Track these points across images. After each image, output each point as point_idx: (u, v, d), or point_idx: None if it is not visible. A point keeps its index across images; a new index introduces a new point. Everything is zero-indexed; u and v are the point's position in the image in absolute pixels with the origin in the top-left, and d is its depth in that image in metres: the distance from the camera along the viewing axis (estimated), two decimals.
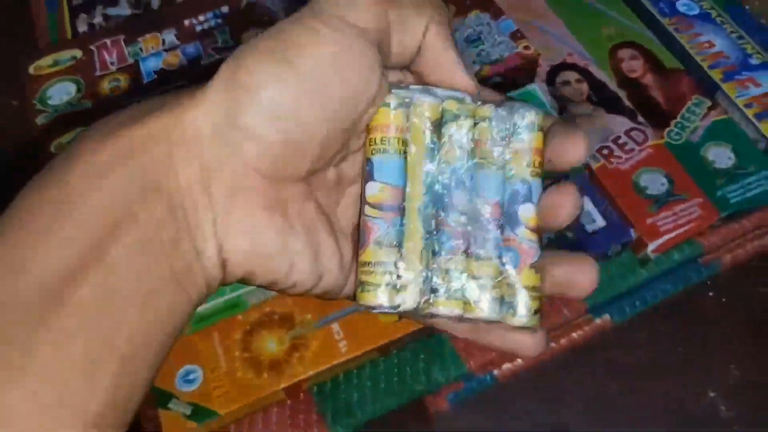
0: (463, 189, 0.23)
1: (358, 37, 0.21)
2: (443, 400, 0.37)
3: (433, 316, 0.23)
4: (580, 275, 0.24)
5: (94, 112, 0.41)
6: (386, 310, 0.23)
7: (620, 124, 0.43)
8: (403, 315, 0.24)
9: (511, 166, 0.23)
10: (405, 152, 0.23)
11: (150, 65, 0.42)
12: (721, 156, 0.42)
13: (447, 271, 0.23)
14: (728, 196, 0.40)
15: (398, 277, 0.23)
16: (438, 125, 0.23)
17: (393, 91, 0.23)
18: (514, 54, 0.42)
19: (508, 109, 0.23)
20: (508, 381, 0.38)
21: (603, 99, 0.45)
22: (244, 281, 0.22)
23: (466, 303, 0.23)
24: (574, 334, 0.39)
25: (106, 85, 0.42)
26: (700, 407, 0.38)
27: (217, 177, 0.20)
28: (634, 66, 0.47)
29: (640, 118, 0.44)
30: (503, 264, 0.23)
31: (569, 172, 0.40)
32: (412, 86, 0.24)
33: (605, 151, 0.42)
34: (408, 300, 0.23)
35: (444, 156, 0.23)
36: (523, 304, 0.23)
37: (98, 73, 0.43)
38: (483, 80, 0.41)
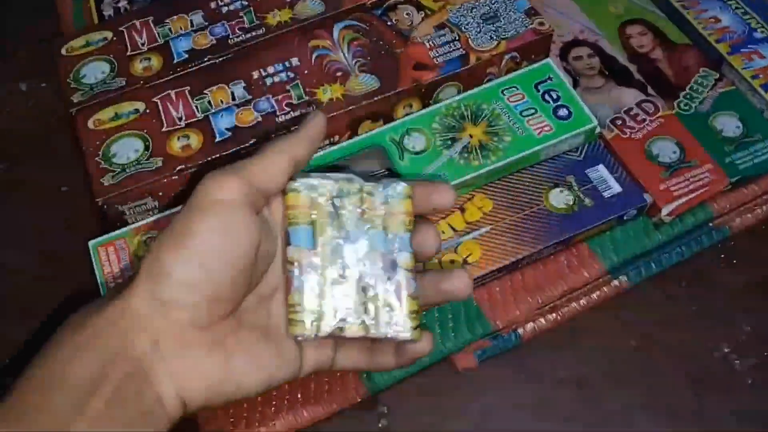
0: (359, 244, 0.32)
1: (231, 208, 0.28)
2: (471, 358, 0.39)
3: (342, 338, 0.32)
4: (457, 283, 0.34)
5: (129, 89, 0.42)
6: (308, 337, 0.31)
7: (631, 96, 0.45)
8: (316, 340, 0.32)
9: (389, 225, 0.33)
10: (312, 222, 0.32)
11: (180, 45, 0.44)
12: (728, 125, 0.44)
13: (352, 305, 0.32)
14: (737, 162, 0.42)
15: (316, 312, 0.31)
16: (333, 201, 0.32)
17: (298, 179, 0.32)
18: (529, 30, 0.44)
19: (384, 184, 0.33)
20: (532, 339, 0.40)
21: (614, 72, 0.47)
22: (204, 408, 0.30)
23: (366, 327, 0.32)
24: (593, 295, 0.41)
25: (138, 65, 0.43)
26: (714, 361, 0.40)
27: (163, 340, 0.28)
28: (643, 41, 0.49)
29: (651, 91, 0.46)
30: (391, 297, 0.32)
31: (583, 143, 0.42)
32: (311, 173, 0.33)
33: (618, 122, 0.44)
34: (324, 329, 0.31)
35: (342, 222, 0.32)
36: (408, 325, 0.32)
37: (129, 52, 0.44)
38: (500, 55, 0.43)
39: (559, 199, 0.41)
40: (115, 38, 0.45)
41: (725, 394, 0.39)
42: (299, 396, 0.38)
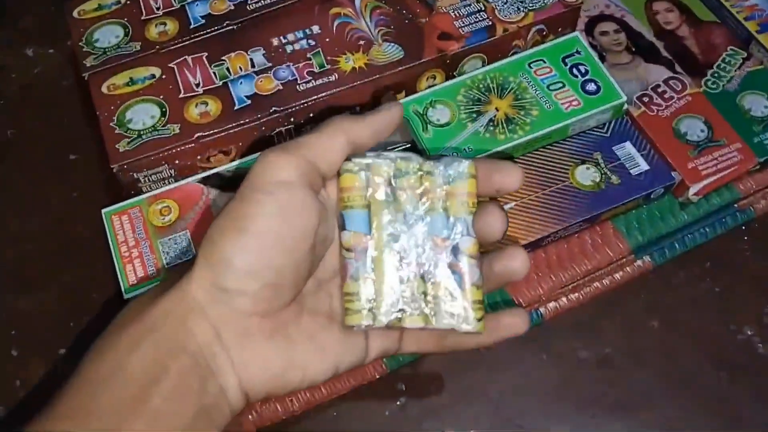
0: (417, 229, 0.30)
1: (289, 190, 0.26)
2: None
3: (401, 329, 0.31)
4: (513, 262, 0.31)
5: (144, 54, 0.41)
6: (365, 328, 0.29)
7: (659, 73, 0.44)
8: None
9: (451, 207, 0.30)
10: (368, 205, 0.30)
11: (197, 10, 0.43)
12: (757, 104, 0.43)
13: (411, 294, 0.30)
14: (765, 142, 0.41)
15: (373, 301, 0.29)
16: (391, 181, 0.30)
17: (353, 159, 0.30)
18: (557, 2, 0.42)
19: (445, 162, 0.30)
20: (554, 318, 0.40)
21: (641, 49, 0.45)
22: (268, 398, 0.30)
23: (426, 318, 0.30)
24: (617, 275, 0.40)
25: (153, 29, 0.42)
26: (737, 343, 0.39)
27: (224, 329, 0.26)
28: (669, 18, 0.47)
29: (678, 68, 0.44)
30: (452, 285, 0.30)
31: (610, 119, 0.41)
32: (367, 153, 0.30)
33: (645, 99, 0.43)
34: (381, 319, 0.29)
35: (400, 205, 0.30)
36: (470, 316, 0.30)
37: (144, 16, 0.43)
38: (528, 26, 0.42)
39: (586, 175, 0.40)
40: (128, 1, 0.44)
41: (748, 376, 0.38)
42: None
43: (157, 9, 0.43)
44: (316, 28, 0.42)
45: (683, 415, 0.37)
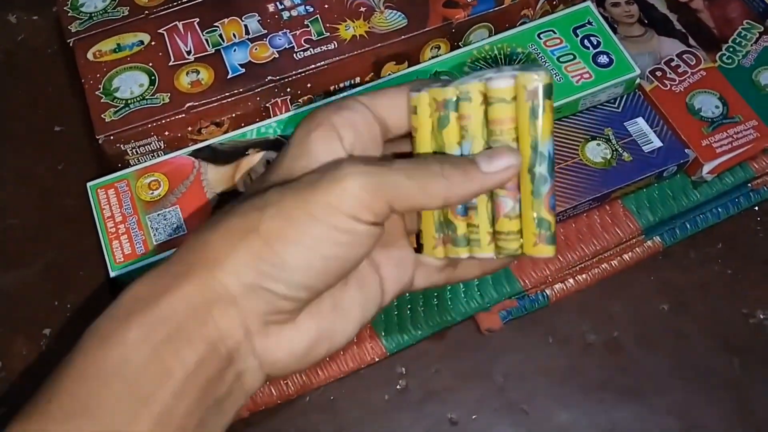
0: None
1: (364, 227, 0.24)
2: (496, 318, 0.37)
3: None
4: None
5: (132, 19, 0.39)
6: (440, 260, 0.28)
7: (672, 46, 0.42)
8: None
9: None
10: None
11: None
12: None
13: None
14: None
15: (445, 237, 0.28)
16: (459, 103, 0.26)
17: (419, 89, 0.26)
18: None
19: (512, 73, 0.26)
20: (561, 300, 0.38)
21: (653, 21, 0.44)
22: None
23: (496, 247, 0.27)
24: (626, 256, 0.39)
25: None
26: (749, 327, 0.38)
27: (252, 320, 0.24)
28: None
29: (692, 41, 0.43)
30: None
31: (622, 93, 0.39)
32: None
33: (658, 73, 0.41)
34: (456, 253, 0.28)
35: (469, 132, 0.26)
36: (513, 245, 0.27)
37: None
38: None
39: (596, 152, 0.38)
40: None
41: (760, 361, 0.37)
42: None
43: None
44: None
45: (693, 400, 0.36)
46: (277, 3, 0.39)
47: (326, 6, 0.39)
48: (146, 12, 0.39)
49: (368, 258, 0.27)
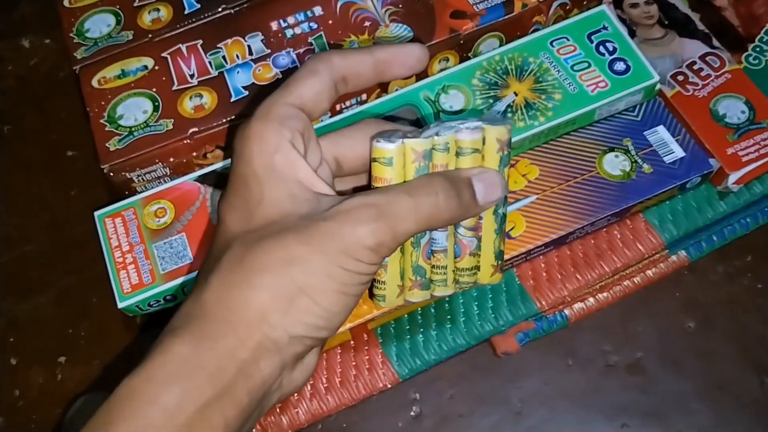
0: None
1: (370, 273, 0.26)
2: (512, 341, 0.36)
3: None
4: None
5: (136, 43, 0.39)
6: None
7: (695, 48, 0.40)
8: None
9: None
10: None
11: None
12: None
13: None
14: None
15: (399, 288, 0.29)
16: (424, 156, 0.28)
17: (382, 141, 0.27)
18: None
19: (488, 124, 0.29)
20: (580, 320, 0.37)
21: (674, 22, 0.42)
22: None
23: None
24: (649, 272, 0.37)
25: (146, 16, 0.39)
26: None
27: (290, 360, 0.25)
28: None
29: (716, 42, 0.41)
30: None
31: (641, 101, 0.37)
32: (394, 133, 0.28)
33: (680, 78, 0.39)
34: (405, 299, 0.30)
35: None
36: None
37: (137, 3, 0.40)
38: (549, 1, 0.38)
39: (615, 164, 0.36)
40: None
41: None
42: (324, 381, 0.35)
43: None
44: (318, 10, 0.38)
45: (722, 423, 0.34)
46: (281, 21, 0.38)
47: (330, 22, 0.38)
48: (150, 35, 0.39)
49: None
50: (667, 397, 0.35)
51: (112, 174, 0.35)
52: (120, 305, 0.33)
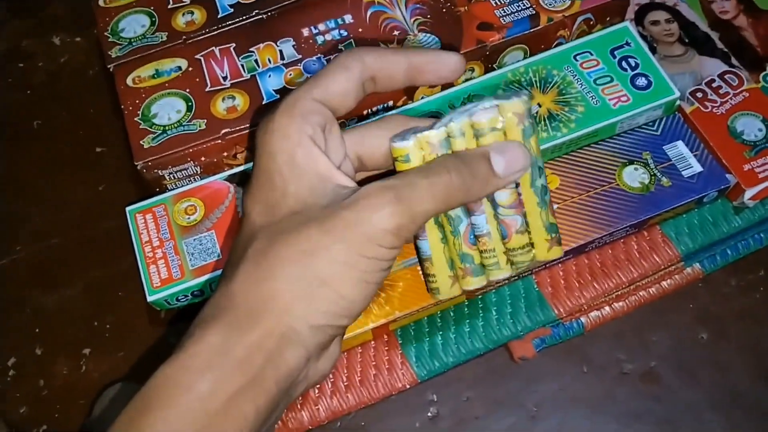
0: None
1: (392, 257, 0.26)
2: (529, 346, 0.37)
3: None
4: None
5: (170, 45, 0.40)
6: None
7: (714, 66, 0.41)
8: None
9: None
10: None
11: None
12: None
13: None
14: None
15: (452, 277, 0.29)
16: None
17: (399, 141, 0.27)
18: None
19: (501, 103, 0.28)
20: (596, 329, 0.37)
21: (694, 40, 0.42)
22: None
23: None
24: (665, 283, 0.38)
25: (180, 18, 0.40)
26: None
27: (315, 350, 0.26)
28: (726, 6, 0.44)
29: (734, 61, 0.41)
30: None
31: (661, 116, 0.38)
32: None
33: (699, 95, 0.40)
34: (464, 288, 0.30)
35: None
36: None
37: (171, 5, 0.41)
38: (574, 15, 0.39)
39: (634, 177, 0.37)
40: None
41: None
42: (345, 380, 0.35)
43: None
44: (348, 18, 0.39)
45: None
46: (312, 28, 0.39)
47: (360, 30, 0.39)
48: (184, 37, 0.40)
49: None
50: (680, 407, 0.36)
51: (144, 171, 0.36)
52: (149, 299, 0.34)
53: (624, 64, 0.38)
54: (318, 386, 0.35)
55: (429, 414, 0.36)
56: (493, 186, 0.27)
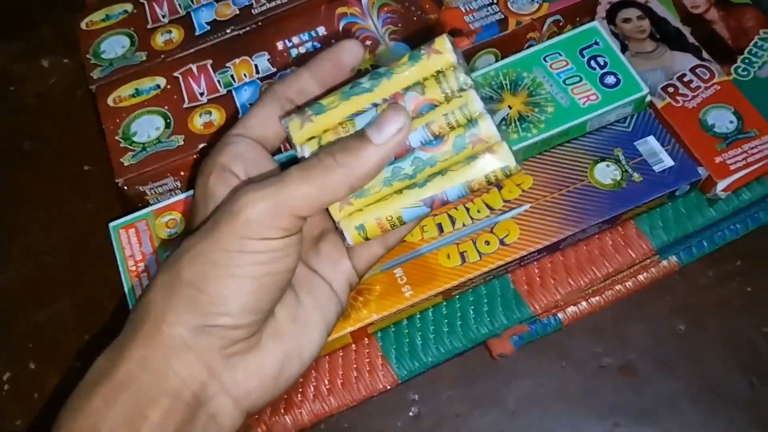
0: None
1: (275, 243, 0.26)
2: (507, 343, 0.37)
3: None
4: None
5: (149, 64, 0.41)
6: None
7: (685, 61, 0.42)
8: None
9: None
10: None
11: (202, 17, 0.42)
12: None
13: None
14: None
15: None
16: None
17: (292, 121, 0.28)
18: None
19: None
20: (573, 324, 0.38)
21: (666, 36, 0.43)
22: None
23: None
24: (641, 277, 0.39)
25: (159, 38, 0.42)
26: None
27: (212, 358, 0.26)
28: (697, 1, 0.45)
29: (706, 55, 0.42)
30: None
31: (631, 113, 0.39)
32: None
33: (670, 90, 0.40)
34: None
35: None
36: None
37: (150, 25, 0.42)
38: (542, 18, 0.40)
39: (606, 174, 0.38)
40: (135, 10, 0.43)
41: None
42: (327, 383, 0.36)
43: (163, 17, 0.43)
44: (321, 30, 0.40)
45: (712, 423, 0.36)
46: (286, 41, 0.40)
47: (333, 41, 0.40)
48: (163, 56, 0.41)
49: (306, 267, 0.29)
50: (659, 398, 0.36)
51: (126, 187, 0.37)
52: None
53: (593, 63, 0.39)
54: (300, 390, 0.36)
55: (411, 413, 0.37)
56: (376, 155, 0.26)
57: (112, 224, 0.37)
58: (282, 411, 0.35)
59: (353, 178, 0.26)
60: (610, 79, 0.39)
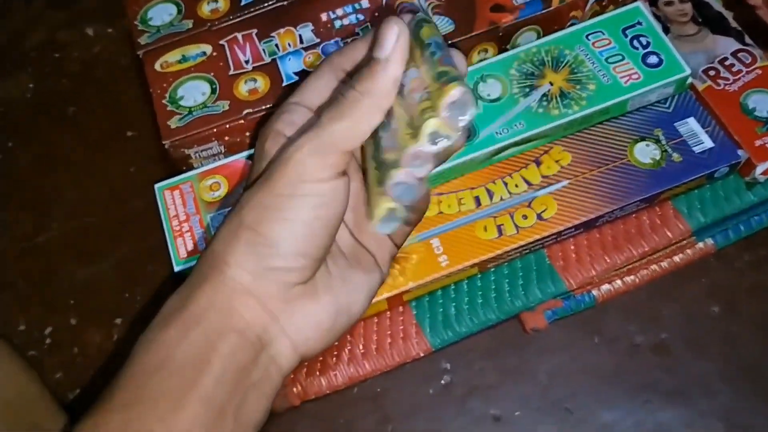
0: None
1: (325, 185, 0.27)
2: (541, 317, 0.38)
3: None
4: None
5: (196, 31, 0.41)
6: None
7: (727, 45, 0.42)
8: None
9: None
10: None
11: None
12: None
13: None
14: None
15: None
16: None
17: None
18: None
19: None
20: (607, 302, 0.38)
21: (708, 19, 0.43)
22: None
23: None
24: (676, 258, 0.39)
25: (205, 7, 0.42)
26: None
27: (271, 302, 0.28)
28: None
29: (748, 40, 0.42)
30: None
31: (672, 93, 0.39)
32: None
33: (711, 73, 0.40)
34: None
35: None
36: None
37: None
38: None
39: (645, 153, 0.38)
40: None
41: None
42: (361, 348, 0.37)
43: None
44: (365, 2, 0.41)
45: (744, 405, 0.36)
46: (330, 13, 0.41)
47: (376, 14, 0.40)
48: (209, 24, 0.42)
49: (355, 240, 0.31)
50: (691, 378, 0.36)
51: (171, 150, 0.38)
52: (177, 269, 0.36)
53: (635, 42, 0.39)
54: (335, 353, 0.37)
55: (443, 381, 0.37)
56: (389, 69, 0.27)
57: (157, 185, 0.38)
58: (317, 372, 0.36)
59: (379, 99, 0.27)
60: (653, 59, 0.39)
